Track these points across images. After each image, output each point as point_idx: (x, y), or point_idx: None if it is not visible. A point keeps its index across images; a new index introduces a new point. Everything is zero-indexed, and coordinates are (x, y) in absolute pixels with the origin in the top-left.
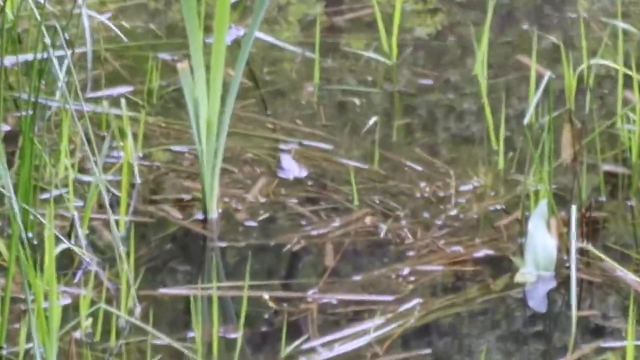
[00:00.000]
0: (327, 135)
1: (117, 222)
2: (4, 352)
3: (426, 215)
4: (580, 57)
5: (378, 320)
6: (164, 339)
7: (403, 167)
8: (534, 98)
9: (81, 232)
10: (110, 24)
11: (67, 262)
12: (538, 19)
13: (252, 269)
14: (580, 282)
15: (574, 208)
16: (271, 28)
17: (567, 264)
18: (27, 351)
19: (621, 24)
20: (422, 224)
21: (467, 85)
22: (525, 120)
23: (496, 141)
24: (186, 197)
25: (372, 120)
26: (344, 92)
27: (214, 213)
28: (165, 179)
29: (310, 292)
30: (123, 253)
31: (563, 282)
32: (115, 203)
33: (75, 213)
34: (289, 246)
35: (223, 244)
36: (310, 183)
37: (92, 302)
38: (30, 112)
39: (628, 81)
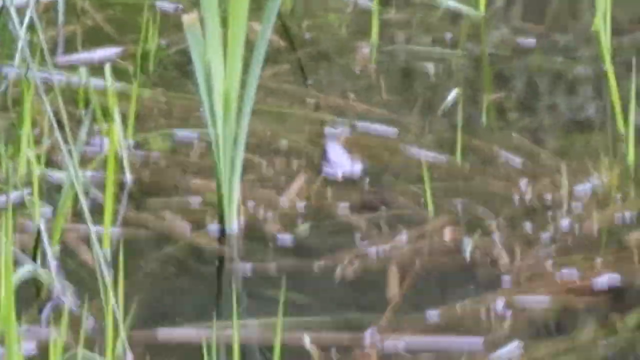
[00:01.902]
0: (389, 115)
1: (99, 236)
2: None
3: (528, 227)
4: None
5: None
6: None
7: (495, 160)
8: None
9: (50, 250)
10: None
11: (30, 292)
12: None
13: (288, 301)
14: None
15: None
16: None
17: None
18: None
19: None
20: (522, 240)
21: (584, 47)
22: None
23: (624, 124)
24: (195, 201)
25: (452, 94)
26: (412, 55)
27: (235, 224)
28: (167, 176)
29: (367, 334)
30: (108, 280)
31: None
32: (97, 210)
33: (42, 223)
34: (338, 269)
35: (247, 267)
36: (367, 182)
37: (67, 348)
38: None
39: None
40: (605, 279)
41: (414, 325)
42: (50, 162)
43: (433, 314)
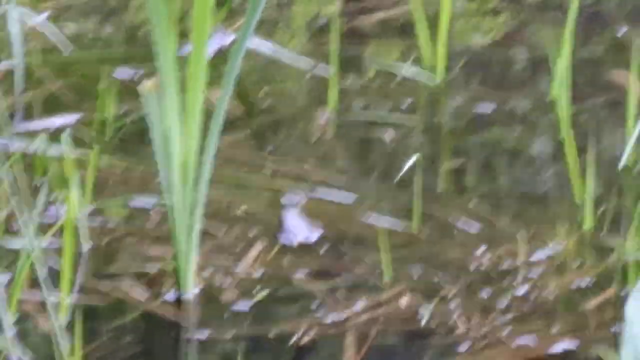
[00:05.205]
0: (347, 182)
1: (56, 305)
2: None
3: (485, 294)
4: None
5: None
6: None
7: (452, 229)
8: (634, 131)
9: (7, 317)
10: (49, 29)
11: None
12: (639, 21)
13: None
14: None
15: None
16: (270, 33)
17: None
18: None
19: None
20: (479, 307)
21: (541, 114)
22: (621, 163)
23: (581, 192)
24: (152, 269)
25: (410, 162)
26: (370, 124)
27: (192, 291)
28: (124, 244)
29: None
30: (65, 349)
31: None
32: (54, 278)
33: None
34: (294, 338)
35: (203, 336)
36: (324, 249)
37: None
38: None
39: None
40: (562, 346)
41: None
42: (8, 231)
43: None
